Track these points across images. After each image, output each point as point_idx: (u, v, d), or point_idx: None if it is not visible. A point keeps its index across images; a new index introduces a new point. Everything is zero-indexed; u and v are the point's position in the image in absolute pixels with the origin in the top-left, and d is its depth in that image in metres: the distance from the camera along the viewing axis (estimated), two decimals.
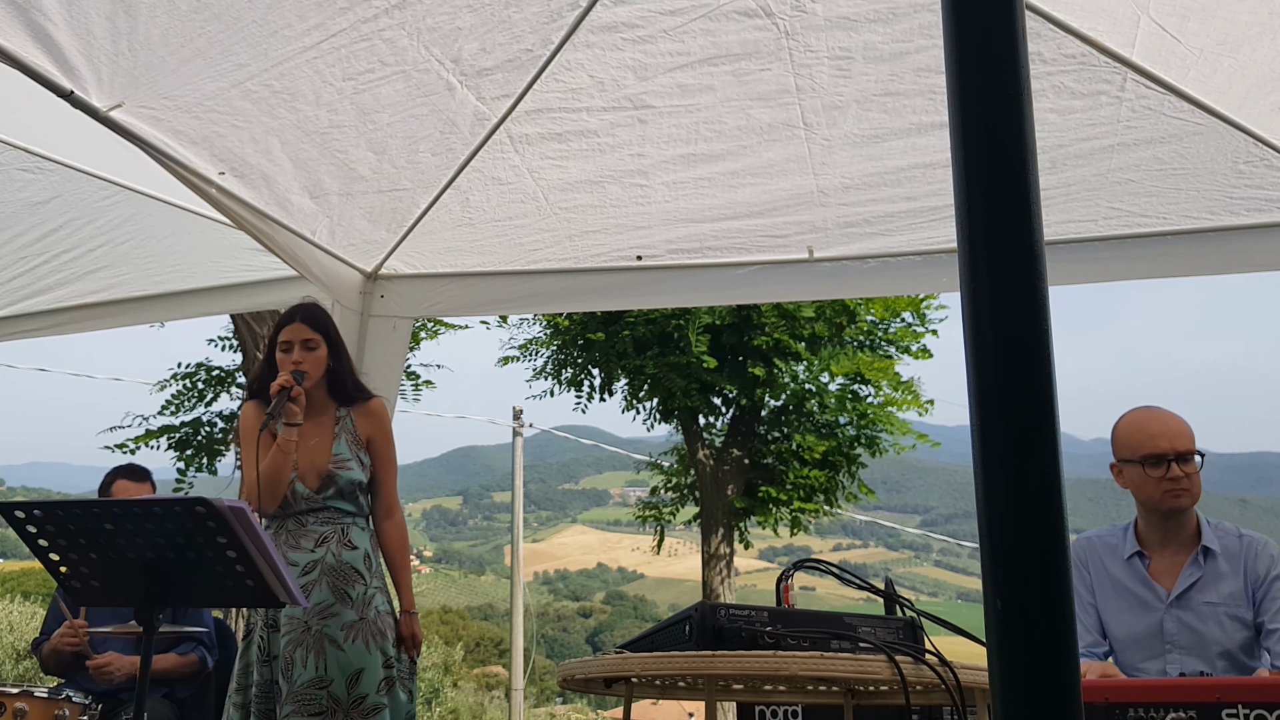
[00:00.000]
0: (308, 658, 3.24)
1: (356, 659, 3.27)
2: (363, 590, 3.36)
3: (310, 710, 3.19)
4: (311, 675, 3.22)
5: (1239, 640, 2.90)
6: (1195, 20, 2.89)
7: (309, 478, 3.41)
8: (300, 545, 3.36)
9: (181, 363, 11.20)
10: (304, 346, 3.45)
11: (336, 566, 3.35)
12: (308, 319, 3.50)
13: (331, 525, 3.40)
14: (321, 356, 3.48)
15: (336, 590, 3.32)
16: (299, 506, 3.41)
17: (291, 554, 3.35)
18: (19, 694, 3.45)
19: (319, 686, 3.21)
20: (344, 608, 3.31)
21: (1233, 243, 3.73)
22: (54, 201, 4.20)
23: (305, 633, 3.27)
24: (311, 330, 3.48)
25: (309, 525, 3.39)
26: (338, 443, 3.48)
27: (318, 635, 3.26)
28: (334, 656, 3.24)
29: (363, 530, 3.47)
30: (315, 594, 3.30)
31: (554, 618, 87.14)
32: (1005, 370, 0.89)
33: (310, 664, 3.23)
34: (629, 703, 2.53)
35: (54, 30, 2.70)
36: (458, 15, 2.98)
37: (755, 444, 12.73)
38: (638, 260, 4.23)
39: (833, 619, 2.32)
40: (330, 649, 3.25)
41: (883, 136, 3.51)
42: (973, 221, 0.92)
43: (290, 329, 3.48)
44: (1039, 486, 0.86)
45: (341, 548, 3.37)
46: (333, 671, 3.23)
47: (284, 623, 3.29)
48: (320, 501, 3.41)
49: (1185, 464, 2.96)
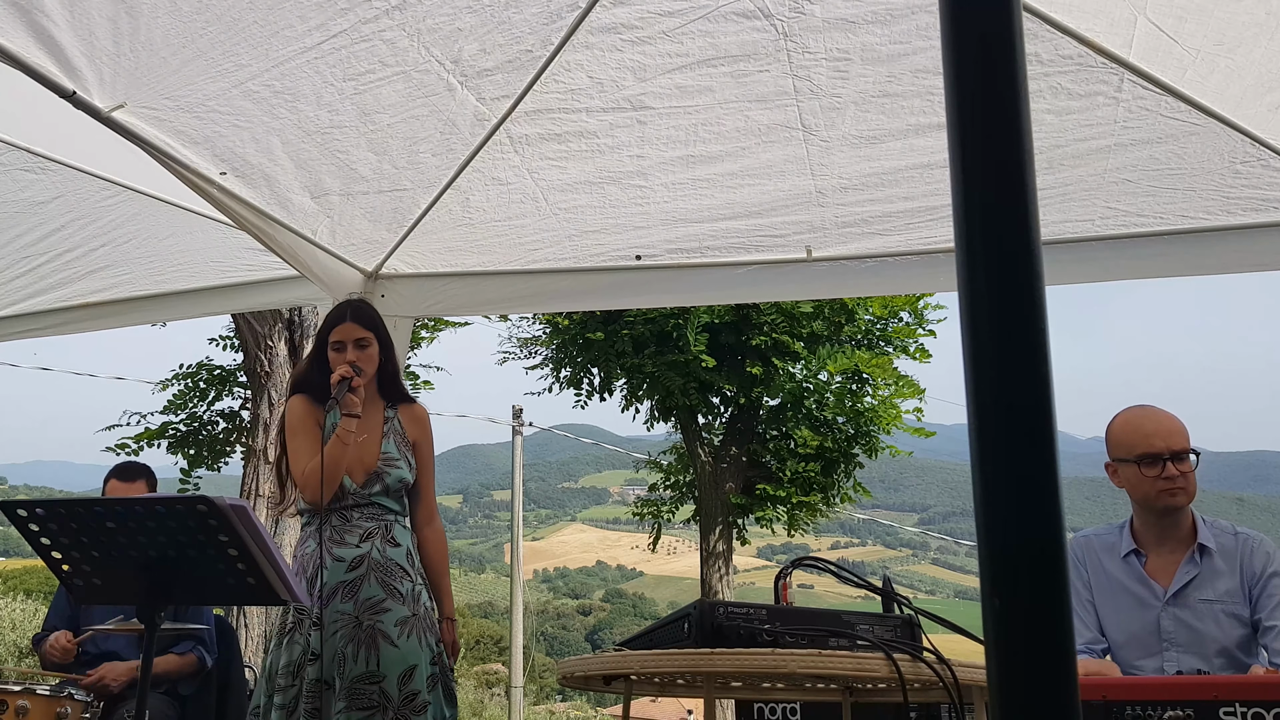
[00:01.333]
0: (359, 652, 3.23)
1: (410, 655, 3.27)
2: (411, 586, 3.38)
3: (360, 705, 3.18)
4: (363, 670, 3.21)
5: (1236, 638, 2.91)
6: (1192, 21, 2.90)
7: (356, 473, 3.42)
8: (345, 541, 3.36)
9: (183, 363, 11.20)
10: (356, 345, 3.46)
11: (383, 563, 3.35)
12: (358, 317, 3.50)
13: (376, 521, 3.40)
14: (374, 354, 3.50)
15: (386, 586, 3.32)
16: (345, 501, 3.41)
17: (336, 549, 3.34)
18: (21, 691, 3.47)
19: (370, 681, 3.21)
20: (396, 603, 3.31)
21: (1230, 243, 3.74)
22: (56, 201, 4.20)
23: (357, 628, 3.26)
24: (362, 329, 3.48)
25: (354, 520, 3.39)
26: (386, 441, 3.50)
27: (370, 630, 3.25)
28: (388, 652, 3.24)
29: (404, 529, 3.48)
30: (365, 589, 3.30)
31: (553, 615, 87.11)
32: (1002, 369, 0.90)
33: (362, 659, 3.22)
34: (628, 700, 2.54)
35: (56, 31, 2.71)
36: (458, 16, 2.99)
37: (753, 442, 12.74)
38: (637, 260, 4.24)
39: (831, 617, 2.32)
40: (384, 644, 3.24)
41: (880, 137, 3.52)
42: (970, 221, 0.93)
43: (341, 328, 3.48)
44: (1036, 485, 0.87)
45: (386, 544, 3.38)
46: (386, 667, 3.22)
47: (332, 619, 3.27)
48: (365, 497, 3.41)
49: (1181, 463, 2.96)
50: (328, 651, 3.24)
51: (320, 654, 3.24)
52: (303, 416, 3.47)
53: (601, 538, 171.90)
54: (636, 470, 15.40)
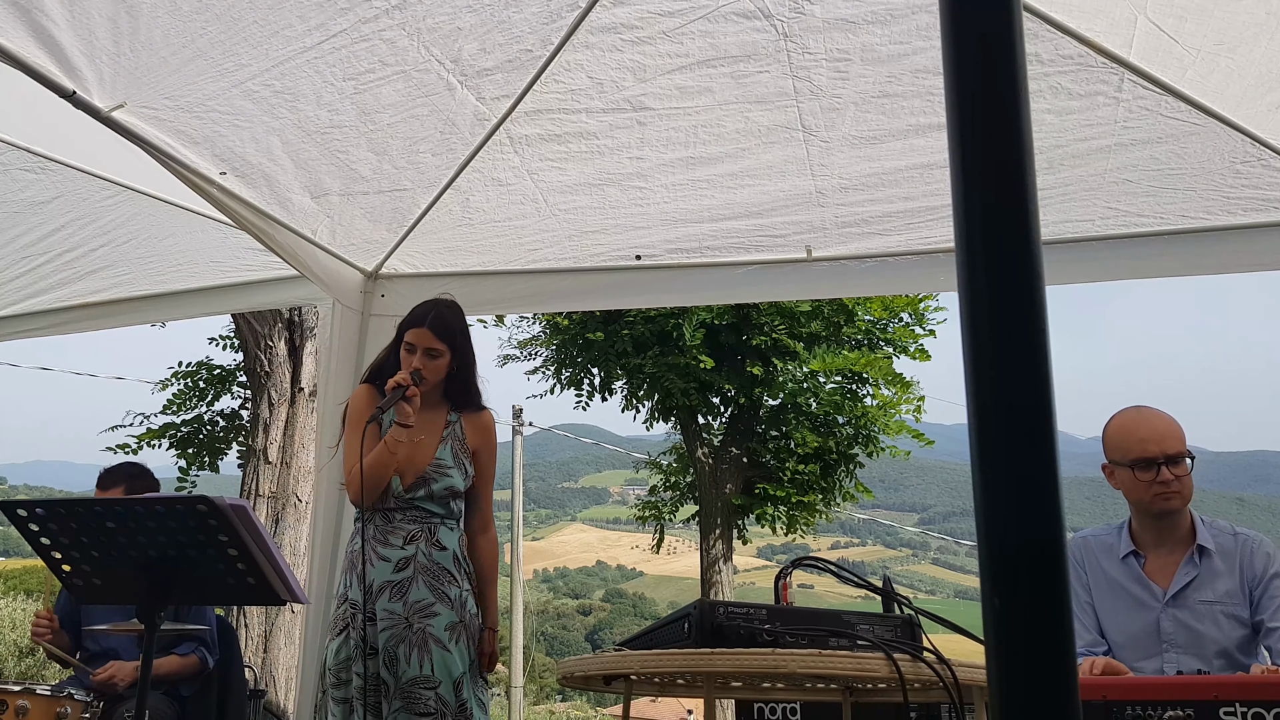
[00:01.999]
0: (411, 654, 3.21)
1: (461, 661, 3.26)
2: (459, 592, 3.34)
3: (418, 710, 3.16)
4: (417, 673, 3.20)
5: (1235, 639, 2.91)
6: (1192, 21, 2.90)
7: (406, 475, 3.37)
8: (389, 542, 3.33)
9: (182, 362, 11.20)
10: (426, 354, 3.39)
11: (430, 566, 3.31)
12: (435, 327, 3.40)
13: (419, 524, 3.36)
14: (442, 365, 3.42)
15: (435, 590, 3.29)
16: (389, 503, 3.38)
17: (381, 549, 3.32)
18: (21, 691, 3.47)
19: (427, 686, 3.19)
20: (445, 608, 3.28)
21: (1230, 242, 3.74)
22: (56, 201, 4.20)
23: (407, 629, 3.24)
24: (437, 340, 3.39)
25: (396, 521, 3.36)
26: (443, 447, 3.44)
27: (420, 633, 3.23)
28: (440, 657, 3.22)
29: (451, 531, 3.41)
30: (413, 591, 3.27)
31: (553, 615, 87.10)
32: (1002, 369, 0.89)
33: (415, 661, 3.20)
34: (628, 700, 2.54)
35: (56, 31, 2.71)
36: (458, 16, 2.99)
37: (753, 443, 12.74)
38: (637, 260, 4.24)
39: (831, 617, 2.32)
40: (436, 649, 3.22)
41: (880, 138, 3.52)
42: (970, 221, 0.92)
43: (416, 333, 3.40)
44: (1037, 485, 0.87)
45: (431, 547, 3.34)
46: (439, 673, 3.21)
47: (382, 616, 3.25)
48: (408, 501, 3.38)
49: (1175, 466, 2.95)
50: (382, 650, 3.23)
51: (378, 648, 3.24)
52: (361, 410, 3.41)
53: (601, 538, 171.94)
54: (636, 470, 15.41)
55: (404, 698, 3.17)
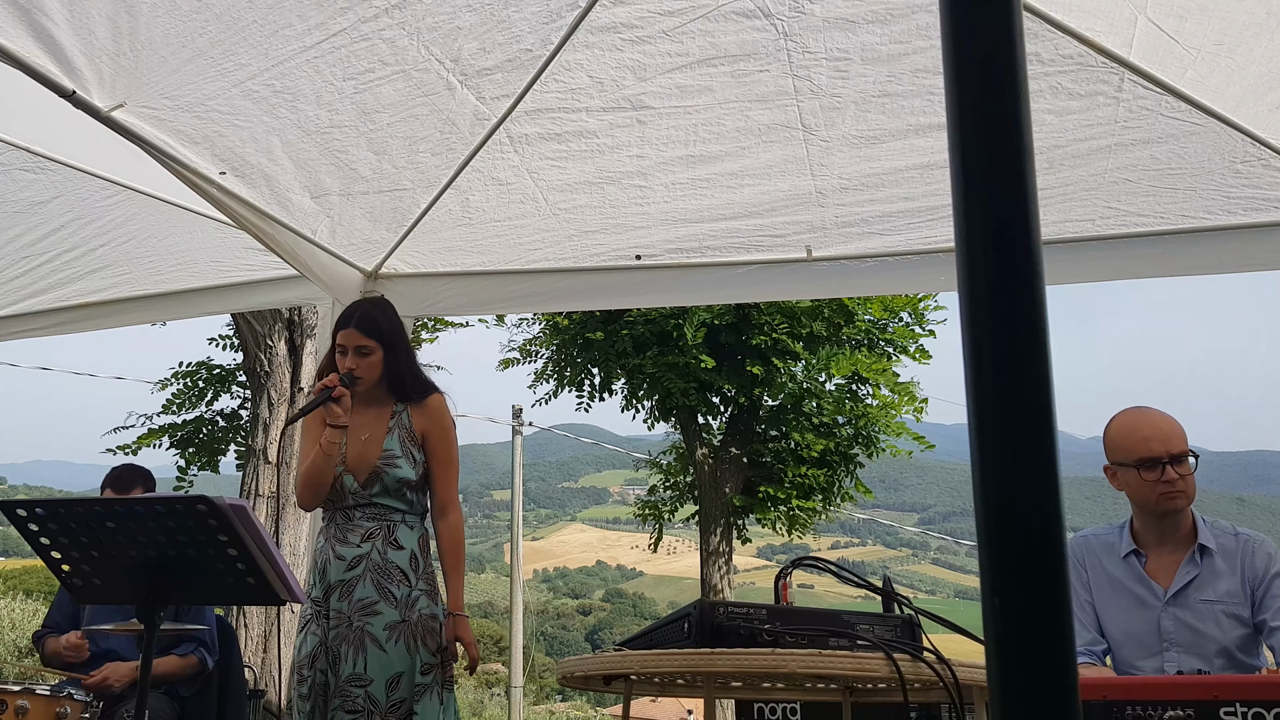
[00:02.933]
0: (349, 653, 3.23)
1: (398, 661, 3.24)
2: (407, 591, 3.33)
3: (348, 707, 3.18)
4: (351, 671, 3.21)
5: (1236, 638, 2.91)
6: (1192, 20, 2.90)
7: (358, 472, 3.39)
8: (347, 540, 3.35)
9: (182, 362, 11.21)
10: (357, 353, 3.42)
11: (382, 564, 3.32)
12: (362, 325, 3.43)
13: (378, 522, 3.37)
14: (375, 362, 3.43)
15: (380, 588, 3.30)
16: (347, 501, 3.39)
17: (339, 548, 3.34)
18: (20, 691, 3.47)
19: (358, 684, 3.20)
20: (387, 606, 3.29)
21: (1230, 242, 3.73)
22: (55, 201, 4.20)
23: (348, 628, 3.25)
24: (364, 337, 3.42)
25: (355, 520, 3.37)
26: (390, 438, 3.44)
27: (359, 631, 3.25)
28: (375, 656, 3.23)
29: (411, 530, 3.41)
30: (359, 590, 3.28)
31: (553, 615, 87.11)
32: (1002, 369, 0.89)
33: (351, 659, 3.22)
34: (628, 700, 2.54)
35: (56, 30, 2.71)
36: (457, 15, 2.99)
37: (754, 443, 12.74)
38: (637, 260, 4.24)
39: (831, 617, 2.32)
40: (371, 647, 3.23)
41: (880, 137, 3.52)
42: (970, 221, 0.92)
43: (345, 334, 3.44)
44: (1037, 485, 0.87)
45: (387, 546, 3.35)
46: (373, 671, 3.21)
47: (331, 616, 3.28)
48: (366, 498, 3.39)
49: (1179, 465, 2.96)
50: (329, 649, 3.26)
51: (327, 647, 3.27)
52: (310, 419, 3.47)
53: (601, 538, 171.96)
54: (636, 470, 15.40)
55: (340, 696, 3.20)
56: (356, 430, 3.42)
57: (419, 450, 3.47)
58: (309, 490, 3.38)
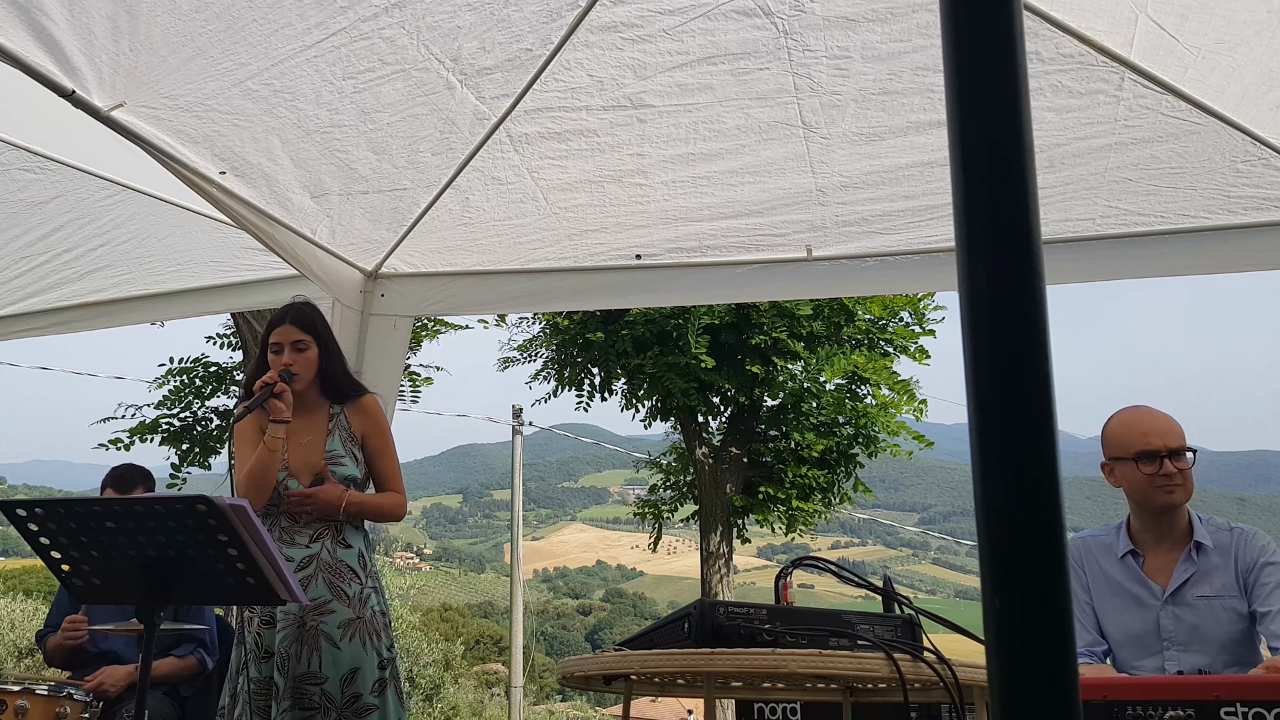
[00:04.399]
0: (302, 652, 3.24)
1: (353, 658, 3.27)
2: (359, 589, 3.36)
3: (303, 705, 3.19)
4: (305, 670, 3.23)
5: (1235, 632, 2.92)
6: (1193, 19, 2.90)
7: (302, 475, 3.40)
8: (295, 541, 3.36)
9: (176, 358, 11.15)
10: (294, 348, 3.44)
11: (333, 564, 3.35)
12: (296, 320, 3.48)
13: (325, 523, 3.39)
14: (312, 358, 3.46)
15: (333, 587, 3.32)
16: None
17: (287, 549, 3.34)
18: (20, 691, 3.46)
19: (313, 682, 3.22)
20: (340, 605, 3.31)
21: (1230, 241, 3.73)
22: (55, 201, 4.20)
23: (300, 628, 3.27)
24: (300, 331, 3.45)
25: (302, 521, 3.38)
26: (331, 439, 3.47)
27: (313, 631, 3.26)
28: (329, 654, 3.25)
29: (356, 529, 3.45)
30: (311, 589, 3.30)
31: (553, 615, 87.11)
32: (1003, 368, 0.89)
33: (305, 659, 3.24)
34: (628, 700, 2.54)
35: (55, 30, 2.70)
36: (457, 14, 2.99)
37: (754, 442, 12.74)
38: (637, 259, 4.24)
39: (831, 617, 2.32)
40: (326, 646, 3.25)
41: (881, 135, 3.52)
42: (970, 220, 0.92)
43: (279, 331, 3.46)
44: (1037, 485, 0.87)
45: (336, 545, 3.37)
46: (327, 669, 3.23)
47: (280, 618, 3.29)
48: None
49: (1178, 460, 2.97)
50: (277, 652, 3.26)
51: (273, 651, 3.26)
52: (244, 429, 3.45)
53: (601, 537, 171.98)
54: (636, 470, 15.40)
55: (292, 695, 3.20)
56: (296, 434, 3.43)
57: (359, 450, 3.51)
58: (254, 489, 3.35)
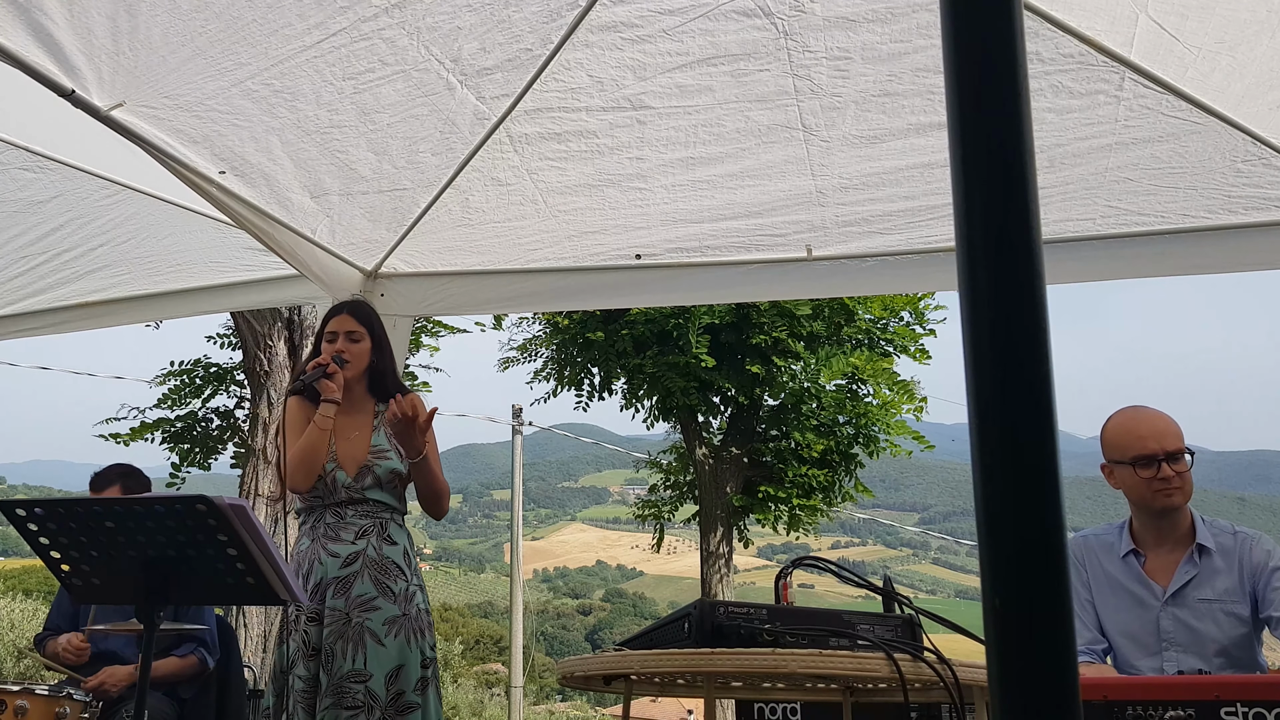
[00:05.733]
0: (347, 649, 3.23)
1: (398, 655, 3.27)
2: (405, 586, 3.36)
3: (347, 704, 3.18)
4: (350, 668, 3.21)
5: (1236, 636, 2.91)
6: (1194, 19, 2.89)
7: (348, 467, 3.43)
8: (340, 537, 3.36)
9: (177, 360, 11.17)
10: (348, 338, 3.52)
11: (379, 560, 3.35)
12: (354, 312, 3.58)
13: (370, 519, 3.40)
14: (365, 349, 3.54)
15: (379, 584, 3.32)
16: (339, 496, 3.41)
17: (331, 545, 3.35)
18: (20, 691, 3.46)
19: (357, 680, 3.20)
20: (386, 602, 3.31)
21: (1231, 241, 3.73)
22: (55, 201, 4.20)
23: (346, 625, 3.26)
24: (357, 323, 3.55)
25: (348, 518, 3.39)
26: (376, 435, 3.51)
27: (358, 628, 3.25)
28: (374, 651, 3.24)
29: (400, 527, 3.47)
30: (357, 586, 3.30)
31: (553, 615, 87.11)
32: (1003, 368, 0.89)
33: (350, 656, 3.22)
34: (628, 700, 2.54)
35: (55, 29, 2.70)
36: (457, 15, 2.98)
37: (754, 442, 12.74)
38: (637, 259, 4.24)
39: (831, 616, 2.32)
40: (371, 643, 3.24)
41: (881, 136, 3.51)
42: (971, 220, 0.92)
43: (337, 320, 3.55)
44: (1037, 484, 0.87)
45: (382, 541, 3.38)
46: (372, 666, 3.22)
47: (326, 615, 3.28)
48: (359, 493, 3.41)
49: (1175, 463, 2.96)
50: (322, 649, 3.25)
51: (320, 649, 3.25)
52: (294, 415, 3.48)
53: (601, 537, 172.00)
54: (636, 470, 15.40)
55: (335, 693, 3.19)
56: (343, 430, 3.47)
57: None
58: (302, 469, 3.38)
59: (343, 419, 3.47)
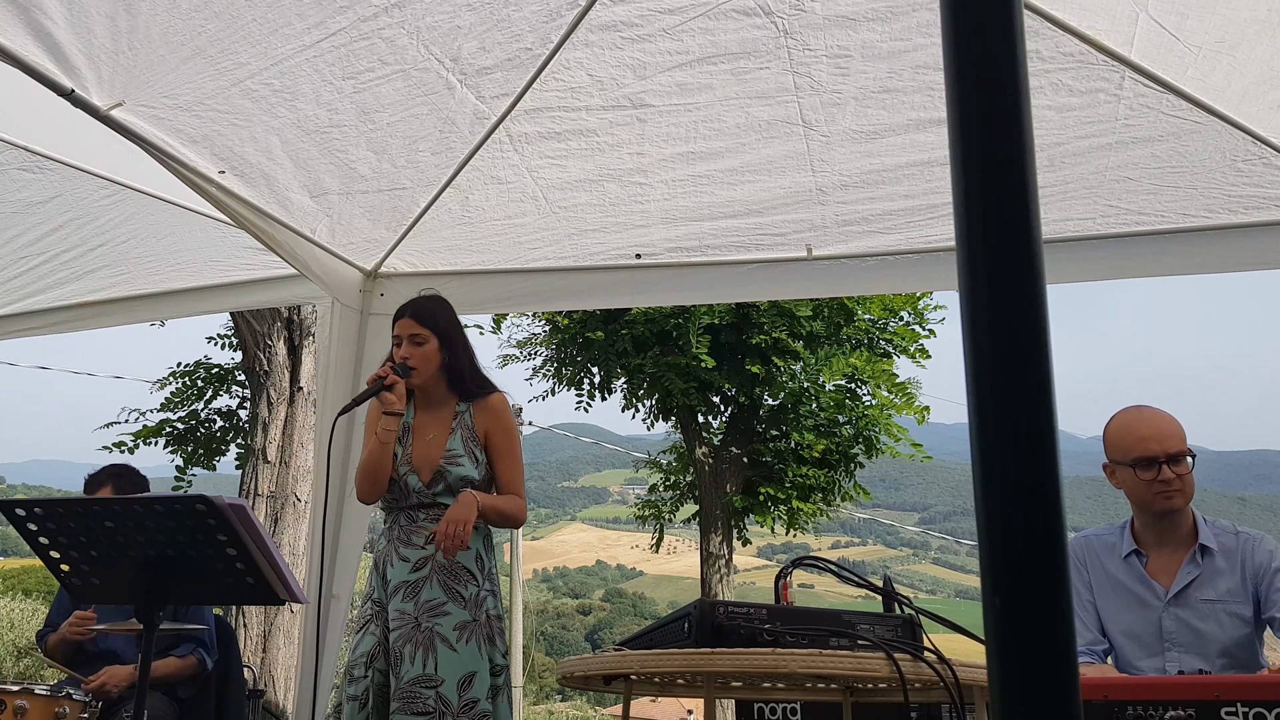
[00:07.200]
0: (416, 654, 3.17)
1: (470, 661, 3.19)
2: (475, 591, 3.29)
3: (415, 709, 3.10)
4: (419, 673, 3.14)
5: (1237, 637, 2.91)
6: (1194, 18, 2.89)
7: (422, 471, 3.36)
8: (411, 541, 3.31)
9: (181, 362, 11.20)
10: (411, 342, 3.41)
11: (448, 565, 3.27)
12: (415, 314, 3.44)
13: None
14: (430, 351, 3.42)
15: (448, 589, 3.26)
16: (410, 501, 3.36)
17: (403, 549, 3.30)
18: (19, 691, 3.46)
19: (427, 685, 3.13)
20: (456, 606, 3.24)
21: (1231, 241, 3.73)
22: (54, 201, 4.20)
23: (415, 629, 3.20)
24: (418, 325, 3.42)
25: (420, 521, 3.34)
26: (453, 438, 3.41)
27: (428, 632, 3.19)
28: (445, 656, 3.17)
29: (475, 530, 3.32)
30: (425, 591, 3.24)
31: (553, 615, 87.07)
32: (1003, 368, 0.89)
33: (419, 661, 3.16)
34: (628, 700, 2.54)
35: (55, 29, 2.70)
36: (457, 14, 2.98)
37: (754, 442, 12.73)
38: (637, 259, 4.24)
39: (831, 616, 2.32)
40: (441, 647, 3.17)
41: (881, 134, 3.51)
42: (971, 219, 0.92)
43: (399, 324, 3.45)
44: (1037, 484, 0.86)
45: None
46: (444, 671, 3.15)
47: (393, 618, 3.24)
48: (430, 497, 3.35)
49: (1176, 465, 2.95)
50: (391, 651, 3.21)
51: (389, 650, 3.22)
52: (370, 417, 3.45)
53: (601, 537, 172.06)
54: (636, 470, 15.39)
55: (402, 698, 3.13)
56: (420, 431, 3.41)
57: (480, 450, 3.43)
58: (367, 481, 3.34)
59: (423, 417, 3.41)
